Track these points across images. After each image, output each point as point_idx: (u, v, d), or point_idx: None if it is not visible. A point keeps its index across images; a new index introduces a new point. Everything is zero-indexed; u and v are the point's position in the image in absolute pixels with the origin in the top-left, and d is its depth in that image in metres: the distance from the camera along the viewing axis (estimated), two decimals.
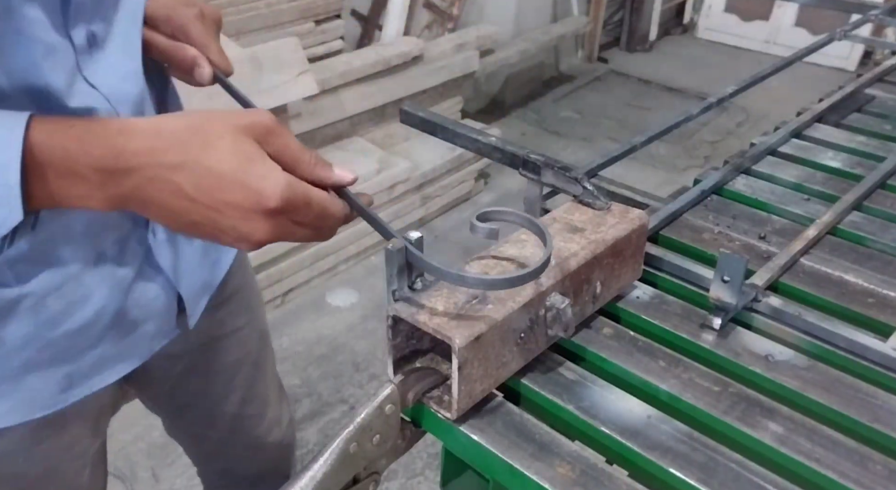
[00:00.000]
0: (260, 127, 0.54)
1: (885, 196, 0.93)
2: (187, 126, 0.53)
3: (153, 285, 0.79)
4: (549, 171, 0.76)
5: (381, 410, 0.56)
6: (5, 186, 0.49)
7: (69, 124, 0.52)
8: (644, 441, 0.57)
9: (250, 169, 0.53)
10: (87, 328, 0.74)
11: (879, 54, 1.63)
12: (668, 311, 0.71)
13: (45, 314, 0.70)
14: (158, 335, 0.83)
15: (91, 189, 0.53)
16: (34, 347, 0.71)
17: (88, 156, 0.51)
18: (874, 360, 0.65)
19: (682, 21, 5.07)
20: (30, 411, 0.74)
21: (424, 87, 2.80)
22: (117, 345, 0.78)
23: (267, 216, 0.54)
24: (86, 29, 0.64)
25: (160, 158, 0.52)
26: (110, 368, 0.80)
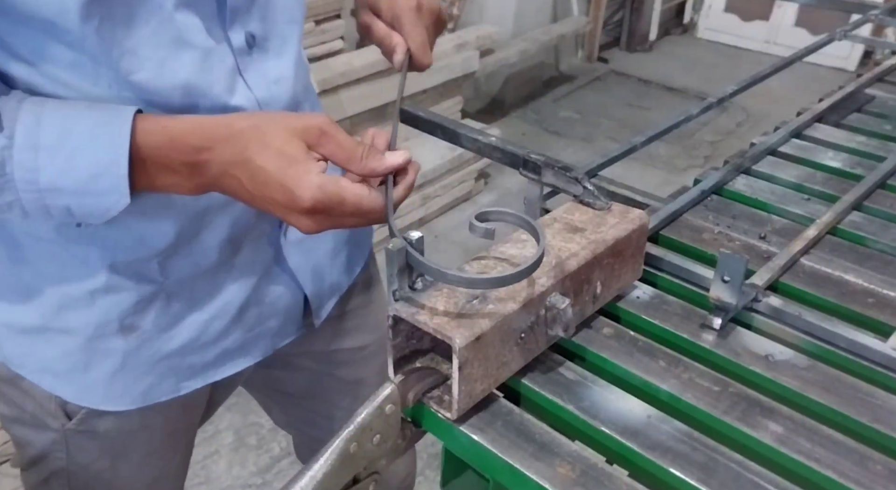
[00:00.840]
0: (313, 129, 0.60)
1: (885, 196, 0.93)
2: (252, 126, 0.60)
3: (279, 284, 0.83)
4: (550, 171, 0.76)
5: (381, 410, 0.56)
6: (116, 177, 0.59)
7: (162, 123, 0.60)
8: (644, 441, 0.57)
9: (289, 170, 0.58)
10: (211, 322, 0.79)
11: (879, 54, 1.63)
12: (668, 311, 0.72)
13: (177, 306, 0.76)
14: (281, 333, 0.87)
15: (182, 179, 0.61)
16: (166, 337, 0.76)
17: (178, 153, 0.60)
18: (874, 360, 0.65)
19: (682, 21, 5.07)
20: (156, 396, 0.80)
21: (424, 87, 2.80)
22: (240, 338, 0.82)
23: (304, 213, 0.60)
24: (244, 31, 0.68)
25: (223, 155, 0.60)
26: (232, 361, 0.84)
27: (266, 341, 0.85)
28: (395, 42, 0.80)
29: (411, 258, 0.56)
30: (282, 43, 0.72)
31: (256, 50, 0.70)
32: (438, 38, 0.85)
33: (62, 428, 0.80)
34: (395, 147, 0.68)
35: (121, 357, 0.76)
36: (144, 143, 0.59)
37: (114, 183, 0.59)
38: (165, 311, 0.75)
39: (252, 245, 0.78)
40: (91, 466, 0.83)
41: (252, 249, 0.78)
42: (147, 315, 0.74)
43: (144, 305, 0.74)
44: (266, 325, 0.84)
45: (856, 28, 1.35)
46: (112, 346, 0.75)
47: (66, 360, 0.76)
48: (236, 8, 0.67)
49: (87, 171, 0.58)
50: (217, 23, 0.66)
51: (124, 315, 0.73)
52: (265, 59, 0.71)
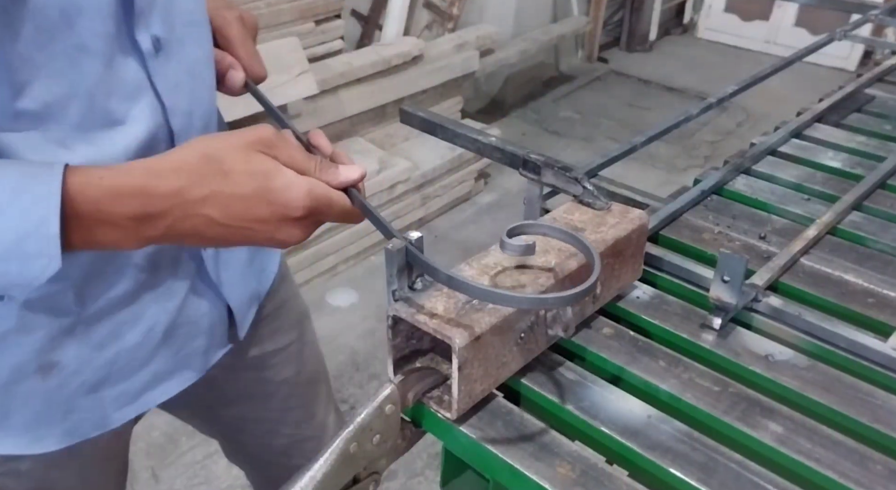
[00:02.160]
0: (265, 140, 0.57)
1: (885, 196, 0.93)
2: (202, 156, 0.56)
3: (203, 299, 0.79)
4: (550, 171, 0.76)
5: (381, 410, 0.56)
6: (45, 238, 0.51)
7: (99, 175, 0.54)
8: (644, 441, 0.57)
9: (269, 184, 0.56)
10: (138, 346, 0.74)
11: (879, 54, 1.63)
12: (668, 311, 0.71)
13: (97, 336, 0.70)
14: (210, 349, 0.83)
15: (126, 234, 0.55)
16: (89, 369, 0.71)
17: (121, 206, 0.54)
18: (874, 360, 0.65)
19: (682, 21, 5.07)
20: (84, 432, 0.75)
21: (424, 87, 2.80)
22: (169, 362, 0.79)
23: (296, 222, 0.58)
24: (149, 34, 0.64)
25: (186, 196, 0.55)
26: (164, 385, 0.80)
27: (197, 360, 0.82)
28: (227, 61, 0.76)
29: (455, 282, 0.54)
30: (181, 46, 0.68)
31: (162, 54, 0.65)
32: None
33: None
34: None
35: (41, 398, 0.70)
36: (79, 197, 0.52)
37: (42, 245, 0.52)
38: (86, 343, 0.70)
39: (173, 262, 0.74)
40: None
41: (173, 267, 0.74)
42: (66, 350, 0.69)
43: (62, 340, 0.68)
44: (194, 343, 0.80)
45: (856, 28, 1.35)
46: (31, 389, 0.69)
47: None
48: (141, 10, 0.62)
49: (12, 232, 0.51)
50: (123, 26, 0.61)
51: (41, 353, 0.68)
52: (169, 62, 0.66)
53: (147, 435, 1.88)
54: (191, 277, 0.77)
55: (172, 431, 1.87)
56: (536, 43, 3.59)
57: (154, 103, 0.65)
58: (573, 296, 0.52)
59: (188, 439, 1.85)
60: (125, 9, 0.61)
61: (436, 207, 2.83)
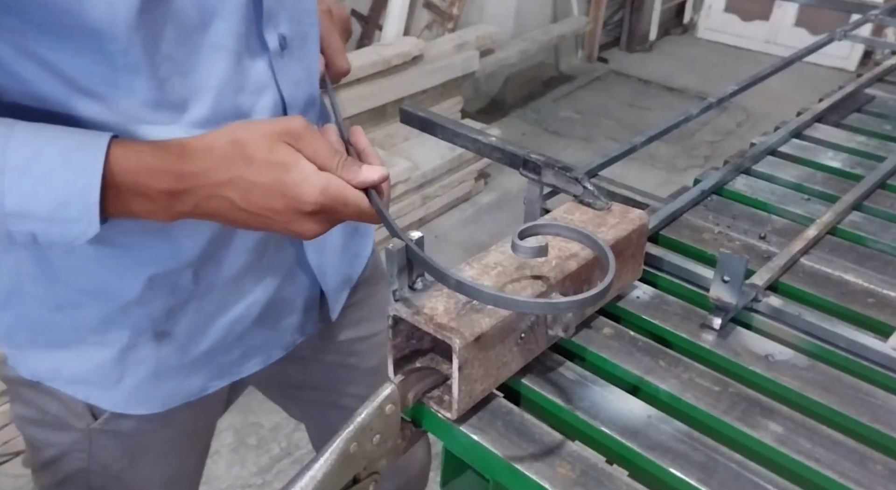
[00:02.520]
0: (292, 132, 0.59)
1: (885, 196, 0.93)
2: (231, 142, 0.58)
3: (298, 280, 0.84)
4: (550, 171, 0.76)
5: (381, 410, 0.56)
6: (87, 205, 0.56)
7: (139, 149, 0.58)
8: (644, 441, 0.57)
9: (286, 177, 0.58)
10: (237, 322, 0.79)
11: (879, 54, 1.63)
12: (668, 311, 0.71)
13: (206, 310, 0.76)
14: (301, 329, 0.88)
15: (158, 207, 0.59)
16: (195, 340, 0.77)
17: (155, 180, 0.57)
18: (874, 360, 0.65)
19: (682, 21, 5.07)
20: (184, 397, 0.81)
21: (424, 87, 2.80)
22: (262, 337, 0.83)
23: (309, 217, 0.60)
24: (276, 33, 0.67)
25: (212, 177, 0.58)
26: (255, 358, 0.85)
27: (287, 338, 0.87)
28: None
29: (466, 288, 0.53)
30: (303, 44, 0.72)
31: (286, 52, 0.69)
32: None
33: (87, 428, 0.80)
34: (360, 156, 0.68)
35: (153, 364, 0.76)
36: (119, 169, 0.56)
37: (83, 210, 0.56)
38: (196, 316, 0.75)
39: (276, 246, 0.78)
40: (111, 466, 0.83)
41: (276, 251, 0.79)
42: (179, 321, 0.75)
43: (177, 312, 0.74)
44: (287, 321, 0.85)
45: (856, 28, 1.35)
46: (145, 355, 0.75)
47: (100, 371, 0.76)
48: (270, 10, 0.66)
49: (56, 196, 0.55)
50: (253, 26, 0.65)
51: (158, 323, 0.74)
52: (292, 60, 0.70)
53: None
54: (291, 259, 0.81)
55: None
56: (536, 43, 3.60)
57: (276, 98, 0.69)
58: (586, 299, 0.52)
59: None
60: (256, 10, 0.65)
61: (436, 207, 2.83)
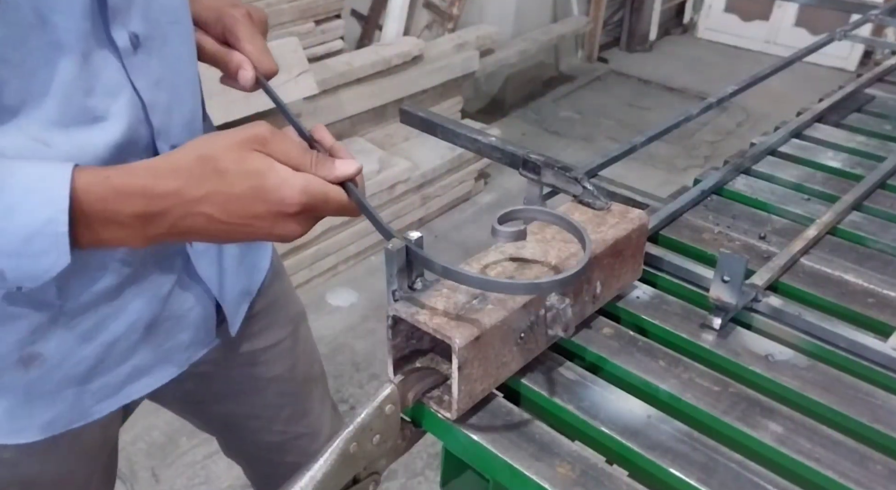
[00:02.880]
0: (259, 138, 0.57)
1: (885, 196, 0.93)
2: (198, 158, 0.57)
3: (189, 295, 0.80)
4: (549, 171, 0.76)
5: (381, 410, 0.56)
6: (55, 236, 0.54)
7: (105, 175, 0.56)
8: (644, 441, 0.57)
9: (264, 182, 0.57)
10: (120, 340, 0.74)
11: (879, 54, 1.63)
12: (668, 311, 0.71)
13: (80, 328, 0.71)
14: (194, 345, 0.83)
15: (131, 233, 0.57)
16: (71, 362, 0.72)
17: (125, 204, 0.56)
18: (874, 360, 0.65)
19: (682, 21, 5.07)
20: (64, 424, 0.75)
21: (424, 87, 2.80)
22: (151, 356, 0.79)
23: (292, 218, 0.58)
24: (126, 31, 0.64)
25: (185, 196, 0.56)
26: (145, 378, 0.80)
27: (181, 355, 0.82)
28: (237, 58, 0.77)
29: (451, 273, 0.54)
30: (163, 43, 0.68)
31: (141, 50, 0.65)
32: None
33: None
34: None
35: (22, 390, 0.71)
36: (86, 197, 0.54)
37: (52, 242, 0.54)
38: (68, 336, 0.70)
39: (158, 258, 0.74)
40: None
41: (158, 262, 0.74)
42: (48, 342, 0.69)
43: (44, 332, 0.69)
44: (179, 338, 0.80)
45: (856, 28, 1.35)
46: (12, 380, 0.70)
47: None
48: (116, 7, 0.62)
49: (22, 230, 0.53)
50: (100, 23, 0.61)
51: (23, 345, 0.68)
52: (149, 59, 0.66)
53: (147, 435, 1.88)
54: (177, 272, 0.77)
55: (172, 431, 1.87)
56: (536, 43, 3.59)
57: (134, 100, 0.65)
58: (567, 278, 0.53)
59: (188, 439, 1.85)
60: (100, 6, 0.61)
61: (436, 207, 2.83)
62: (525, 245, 0.65)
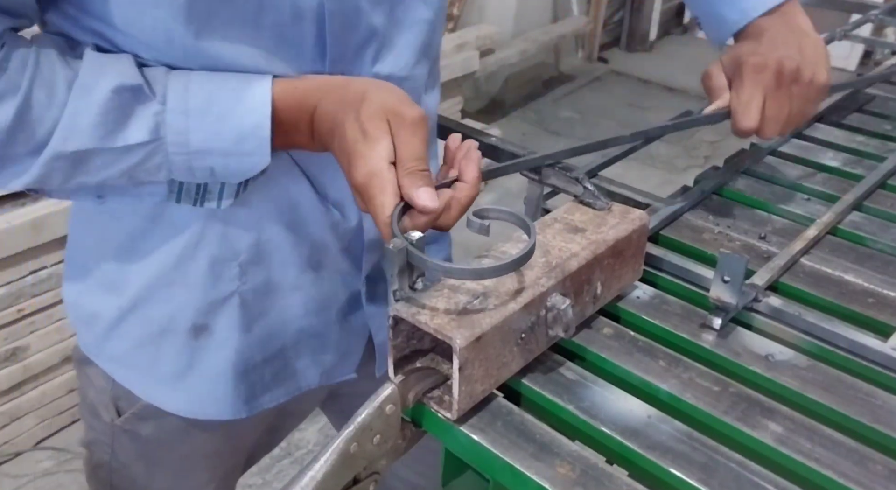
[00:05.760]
0: (400, 114, 0.59)
1: (885, 196, 0.93)
2: (360, 92, 0.61)
3: (349, 325, 0.83)
4: (550, 171, 0.76)
5: (381, 410, 0.56)
6: (260, 139, 0.62)
7: (294, 85, 0.63)
8: (644, 441, 0.57)
9: (359, 144, 0.58)
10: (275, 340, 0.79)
11: (879, 54, 1.63)
12: (668, 311, 0.72)
13: (247, 315, 0.76)
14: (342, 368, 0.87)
15: (307, 137, 0.64)
16: (232, 345, 0.77)
17: (303, 112, 0.63)
18: (874, 360, 0.65)
19: (682, 21, 5.07)
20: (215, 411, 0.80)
21: None
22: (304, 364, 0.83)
23: (355, 188, 0.60)
24: None
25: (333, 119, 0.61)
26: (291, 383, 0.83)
27: (325, 373, 0.86)
28: (720, 96, 0.79)
29: (412, 256, 0.56)
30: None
31: None
32: None
33: (111, 422, 0.82)
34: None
35: (187, 358, 0.77)
36: (280, 105, 0.62)
37: (257, 144, 0.62)
38: (238, 318, 0.76)
39: (329, 278, 0.79)
40: (130, 467, 0.84)
41: (328, 282, 0.80)
42: (219, 318, 0.75)
43: (218, 306, 0.75)
44: (328, 358, 0.84)
45: (856, 28, 1.35)
46: (181, 345, 0.76)
47: (137, 352, 0.78)
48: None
49: (233, 133, 0.61)
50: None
51: (197, 313, 0.75)
52: None
53: None
54: (343, 299, 0.82)
55: None
56: (536, 43, 3.60)
57: None
58: (507, 265, 0.54)
59: None
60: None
61: None
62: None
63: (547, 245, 0.65)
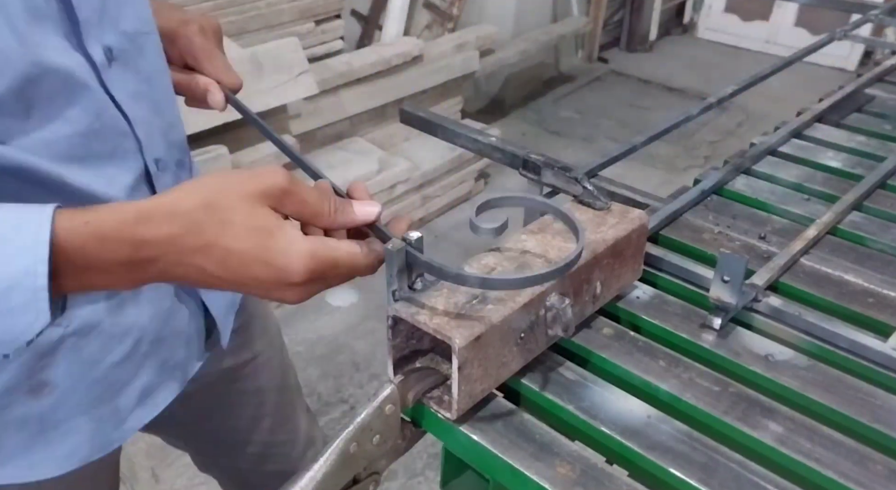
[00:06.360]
0: (275, 190, 0.52)
1: (885, 196, 0.93)
2: (201, 203, 0.51)
3: (185, 309, 0.79)
4: (549, 171, 0.76)
5: (381, 410, 0.56)
6: (33, 291, 0.48)
7: (85, 220, 0.50)
8: (644, 441, 0.57)
9: (270, 244, 0.51)
10: (127, 360, 0.73)
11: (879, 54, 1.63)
12: (668, 311, 0.71)
13: (86, 351, 0.69)
14: (190, 360, 0.83)
15: (116, 279, 0.52)
16: (81, 387, 0.70)
17: (110, 253, 0.50)
18: (874, 360, 0.65)
19: (682, 21, 5.07)
20: (85, 456, 0.73)
21: (424, 87, 2.80)
22: (156, 374, 0.78)
23: (294, 286, 0.53)
24: (100, 45, 0.62)
25: (180, 245, 0.51)
26: (154, 398, 0.79)
27: (179, 372, 0.81)
28: (202, 82, 0.76)
29: (440, 271, 0.54)
30: (138, 56, 0.67)
31: (117, 65, 0.64)
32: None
33: None
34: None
35: (37, 421, 0.68)
36: (68, 245, 0.49)
37: (29, 298, 0.48)
38: (76, 360, 0.68)
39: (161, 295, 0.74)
40: None
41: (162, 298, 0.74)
42: (56, 368, 0.67)
43: (51, 358, 0.66)
44: (177, 354, 0.80)
45: (856, 28, 1.35)
46: (25, 412, 0.68)
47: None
48: (88, 22, 0.60)
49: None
50: (72, 39, 0.60)
51: (31, 373, 0.66)
52: (125, 73, 0.65)
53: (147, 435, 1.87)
54: (174, 287, 0.76)
55: None
56: (536, 43, 3.59)
57: (115, 115, 0.64)
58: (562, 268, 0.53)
59: None
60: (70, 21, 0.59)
61: (436, 207, 2.83)
62: (527, 243, 0.65)
63: (546, 245, 0.65)
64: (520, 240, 0.66)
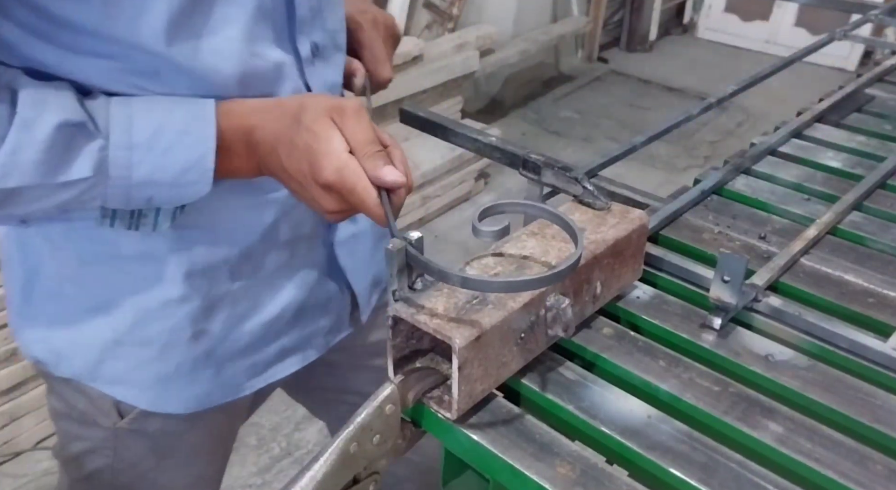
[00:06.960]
0: (339, 108, 0.61)
1: (885, 196, 0.93)
2: (297, 104, 0.63)
3: (332, 283, 0.87)
4: (549, 171, 0.76)
5: (381, 410, 0.56)
6: (203, 170, 0.64)
7: (234, 110, 0.65)
8: (644, 441, 0.57)
9: (316, 145, 0.60)
10: (274, 321, 0.82)
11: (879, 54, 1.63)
12: (668, 311, 0.71)
13: (241, 308, 0.79)
14: (332, 331, 0.90)
15: (243, 161, 0.66)
16: (231, 338, 0.80)
17: (241, 135, 0.64)
18: (874, 360, 0.65)
19: (682, 21, 5.07)
20: (223, 395, 0.83)
21: (424, 87, 2.80)
22: (296, 338, 0.86)
23: (324, 189, 0.61)
24: (309, 41, 0.72)
25: (269, 129, 0.63)
26: (289, 360, 0.87)
27: (319, 340, 0.89)
28: (354, 66, 0.82)
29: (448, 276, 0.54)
30: (335, 50, 0.76)
31: (318, 59, 0.73)
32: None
33: (113, 426, 0.81)
34: None
35: (191, 362, 0.78)
36: (220, 131, 0.63)
37: (200, 175, 0.64)
38: (232, 314, 0.78)
39: (307, 247, 0.82)
40: (137, 465, 0.85)
41: (308, 251, 0.82)
42: (215, 319, 0.77)
43: (213, 310, 0.77)
44: (319, 323, 0.87)
45: (856, 28, 1.34)
46: (184, 353, 0.77)
47: (140, 371, 0.78)
48: (303, 20, 0.70)
49: (177, 166, 0.63)
50: (286, 35, 0.70)
51: (196, 321, 0.76)
52: (325, 67, 0.75)
53: None
54: (322, 262, 0.85)
55: None
56: (536, 43, 3.60)
57: None
58: (562, 271, 0.53)
59: None
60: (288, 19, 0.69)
61: (436, 207, 2.83)
62: (526, 245, 0.65)
63: (546, 245, 0.65)
64: (520, 238, 0.66)
